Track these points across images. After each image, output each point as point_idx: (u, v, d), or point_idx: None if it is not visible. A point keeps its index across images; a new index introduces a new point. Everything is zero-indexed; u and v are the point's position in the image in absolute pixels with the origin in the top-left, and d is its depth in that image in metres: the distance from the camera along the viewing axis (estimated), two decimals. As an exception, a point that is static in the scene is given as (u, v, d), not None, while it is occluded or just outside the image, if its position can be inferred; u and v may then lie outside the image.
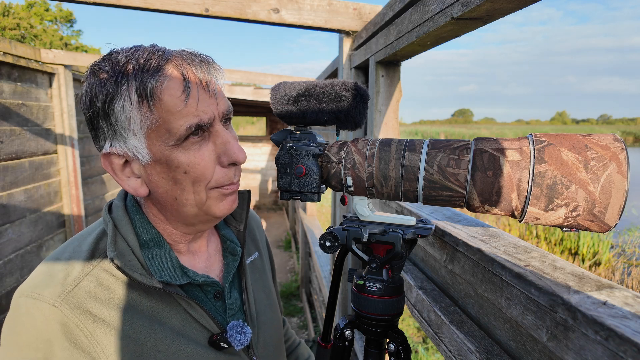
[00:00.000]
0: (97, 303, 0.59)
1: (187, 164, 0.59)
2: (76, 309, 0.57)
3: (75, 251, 0.63)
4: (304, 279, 4.96)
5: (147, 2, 1.42)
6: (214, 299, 0.71)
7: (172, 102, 0.56)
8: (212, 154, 0.62)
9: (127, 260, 0.60)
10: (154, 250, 0.65)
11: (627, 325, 0.40)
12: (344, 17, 1.58)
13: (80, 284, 0.59)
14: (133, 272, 0.59)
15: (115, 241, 0.61)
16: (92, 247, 0.63)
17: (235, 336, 0.67)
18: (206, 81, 0.59)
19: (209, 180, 0.62)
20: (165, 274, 0.63)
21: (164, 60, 0.57)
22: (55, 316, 0.56)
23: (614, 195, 0.47)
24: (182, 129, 0.57)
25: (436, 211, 0.95)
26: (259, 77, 4.34)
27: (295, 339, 1.08)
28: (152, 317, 0.62)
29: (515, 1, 0.71)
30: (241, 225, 0.80)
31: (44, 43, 20.94)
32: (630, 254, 6.60)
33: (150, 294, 0.63)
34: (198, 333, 0.66)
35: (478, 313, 0.71)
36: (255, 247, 0.88)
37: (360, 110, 0.68)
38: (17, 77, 3.05)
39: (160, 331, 0.62)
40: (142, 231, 0.66)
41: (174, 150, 0.59)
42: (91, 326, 0.57)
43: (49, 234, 3.45)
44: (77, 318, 0.57)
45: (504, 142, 0.55)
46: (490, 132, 62.55)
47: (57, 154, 3.58)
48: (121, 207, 0.67)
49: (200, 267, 0.73)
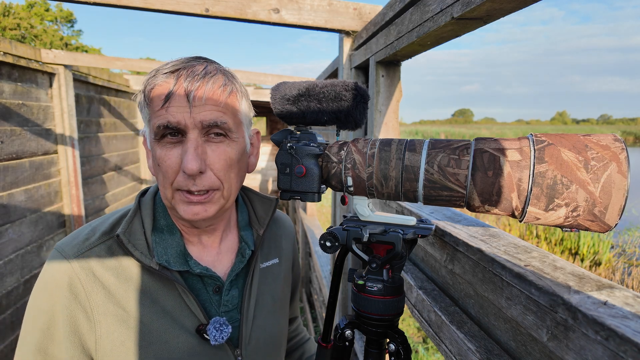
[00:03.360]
0: (102, 268, 0.68)
1: (159, 158, 0.68)
2: (84, 268, 0.67)
3: (103, 223, 0.74)
4: (304, 279, 4.96)
5: (147, 2, 1.42)
6: (213, 292, 0.75)
7: (156, 103, 0.66)
8: (178, 158, 0.67)
9: (135, 239, 0.69)
10: (164, 235, 0.73)
11: (628, 325, 0.40)
12: (344, 17, 1.58)
13: (93, 249, 0.69)
14: (134, 250, 0.68)
15: (131, 220, 0.71)
16: (115, 222, 0.73)
17: (212, 331, 0.70)
18: (190, 90, 0.64)
19: (172, 180, 0.67)
20: (165, 258, 0.70)
21: (175, 67, 0.66)
22: (66, 269, 0.67)
23: (614, 195, 0.47)
24: (155, 127, 0.66)
25: (436, 211, 0.95)
26: (259, 77, 4.34)
27: (305, 335, 1.11)
28: (146, 293, 0.69)
29: (516, 1, 0.71)
30: (261, 230, 0.83)
31: (44, 43, 20.94)
32: (630, 253, 6.60)
33: (152, 274, 0.70)
34: (188, 319, 0.71)
35: (478, 313, 0.71)
36: (277, 254, 0.90)
37: (361, 110, 0.68)
38: (18, 77, 3.05)
39: (149, 306, 0.69)
40: (161, 217, 0.75)
41: (156, 144, 0.68)
42: (91, 286, 0.67)
43: (50, 234, 3.45)
44: (82, 276, 0.67)
45: (504, 142, 0.55)
46: (491, 132, 62.50)
47: (57, 154, 3.58)
48: (152, 193, 0.77)
49: (207, 261, 0.77)
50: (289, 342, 1.11)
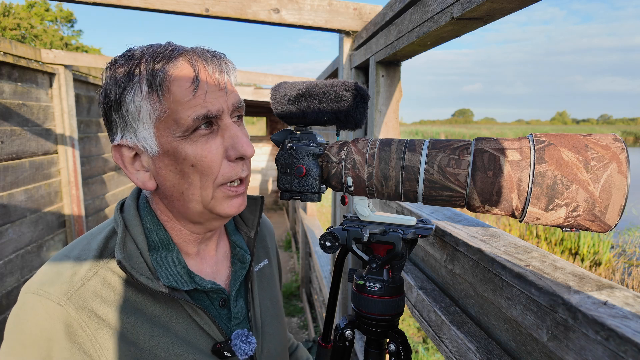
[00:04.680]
0: (102, 304, 0.58)
1: (194, 157, 0.59)
2: (81, 309, 0.56)
3: (84, 249, 0.62)
4: (304, 279, 4.96)
5: (147, 2, 1.42)
6: (220, 307, 0.69)
7: (181, 92, 0.57)
8: (220, 148, 0.61)
9: (135, 262, 0.59)
10: (162, 253, 0.64)
11: (628, 325, 0.40)
12: (344, 17, 1.58)
13: (86, 284, 0.58)
14: (139, 276, 0.58)
15: (124, 242, 0.60)
16: (101, 247, 0.62)
17: (240, 345, 0.65)
18: (216, 74, 0.60)
19: (216, 175, 0.61)
20: (172, 279, 0.62)
21: (175, 53, 0.58)
22: (60, 315, 0.55)
23: (614, 195, 0.47)
24: (190, 120, 0.57)
25: (436, 211, 0.95)
26: (259, 77, 4.34)
27: (293, 343, 1.05)
28: (156, 322, 0.61)
29: (516, 1, 0.71)
30: (252, 232, 0.78)
31: (44, 43, 20.95)
32: (630, 254, 6.59)
33: (155, 298, 0.62)
34: (201, 340, 0.64)
35: (478, 313, 0.71)
36: (265, 254, 0.86)
37: (361, 110, 0.68)
38: (18, 77, 3.05)
39: (163, 337, 0.61)
40: (152, 233, 0.65)
41: (182, 142, 0.59)
42: (94, 327, 0.57)
43: (50, 234, 3.45)
44: (81, 318, 0.56)
45: (504, 142, 0.55)
46: (491, 132, 62.49)
47: (57, 154, 3.58)
48: (133, 207, 0.66)
49: (207, 273, 0.71)
50: None
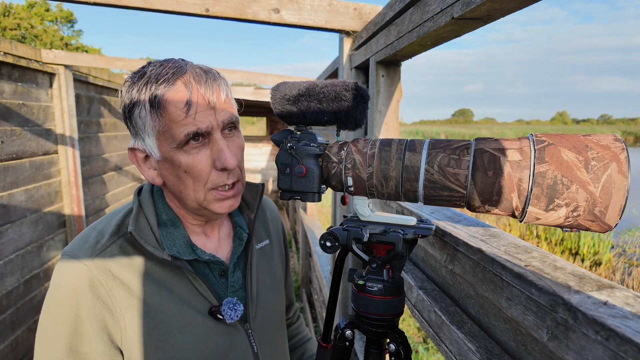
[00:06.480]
0: (117, 266, 0.72)
1: (186, 165, 0.71)
2: (101, 269, 0.71)
3: (107, 224, 0.78)
4: (305, 279, 4.96)
5: (147, 2, 1.42)
6: (219, 276, 0.81)
7: (175, 112, 0.68)
8: (209, 159, 0.72)
9: (144, 234, 0.73)
10: (169, 229, 0.78)
11: (628, 326, 0.40)
12: (344, 17, 1.58)
13: (106, 250, 0.73)
14: (147, 245, 0.72)
15: (137, 218, 0.74)
16: (120, 222, 0.77)
17: (227, 311, 0.76)
18: (208, 96, 0.69)
19: (206, 180, 0.72)
20: (175, 249, 0.75)
21: (176, 75, 0.69)
22: (85, 273, 0.70)
23: (614, 195, 0.47)
24: (182, 135, 0.68)
25: (436, 211, 0.95)
26: (259, 77, 4.34)
27: (307, 335, 1.17)
28: (161, 284, 0.74)
29: (516, 1, 0.71)
30: (252, 214, 0.90)
31: (44, 43, 20.95)
32: (630, 254, 6.59)
33: (162, 265, 0.75)
34: (200, 303, 0.76)
35: (478, 313, 0.71)
36: (267, 235, 0.98)
37: (361, 110, 0.68)
38: (18, 78, 3.05)
39: (166, 296, 0.74)
40: (162, 212, 0.79)
41: (177, 152, 0.70)
42: (111, 284, 0.71)
43: (50, 234, 3.45)
44: (101, 276, 0.70)
45: (504, 142, 0.55)
46: (491, 132, 62.48)
47: (57, 154, 3.58)
48: (148, 191, 0.81)
49: (210, 248, 0.83)
50: (291, 341, 1.11)
